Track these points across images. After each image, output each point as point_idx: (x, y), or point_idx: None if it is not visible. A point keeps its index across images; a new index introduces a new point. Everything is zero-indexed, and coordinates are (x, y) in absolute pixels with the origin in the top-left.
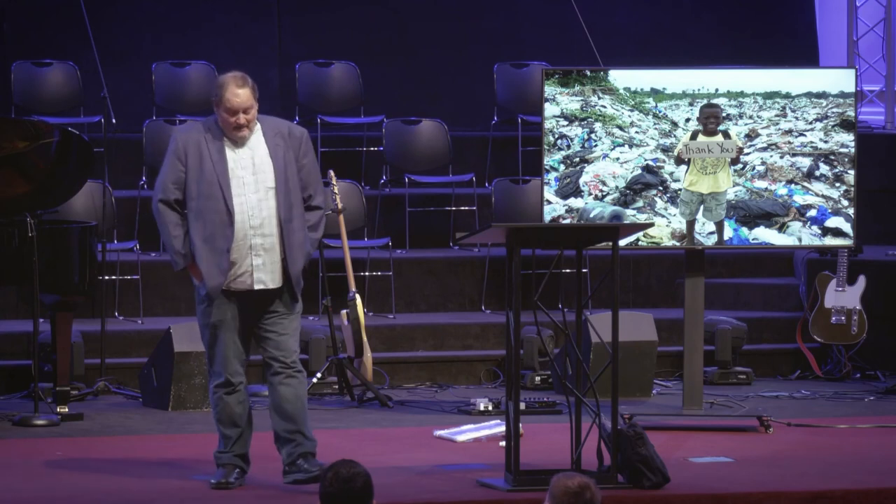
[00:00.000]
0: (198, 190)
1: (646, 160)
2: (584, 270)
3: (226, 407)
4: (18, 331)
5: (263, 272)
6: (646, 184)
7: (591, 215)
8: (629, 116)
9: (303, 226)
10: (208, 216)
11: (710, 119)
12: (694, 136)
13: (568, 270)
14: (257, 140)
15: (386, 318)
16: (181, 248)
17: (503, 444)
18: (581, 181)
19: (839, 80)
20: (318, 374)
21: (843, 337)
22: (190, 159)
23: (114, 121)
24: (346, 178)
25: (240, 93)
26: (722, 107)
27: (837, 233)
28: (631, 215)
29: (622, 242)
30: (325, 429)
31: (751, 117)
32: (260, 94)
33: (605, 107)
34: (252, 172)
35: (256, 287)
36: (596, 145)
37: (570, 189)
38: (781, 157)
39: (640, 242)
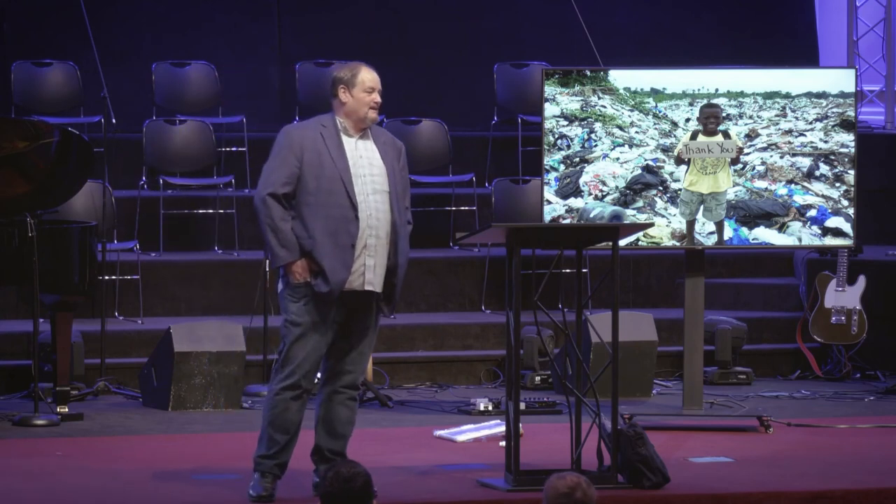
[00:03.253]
0: (317, 185)
1: (646, 160)
2: (584, 270)
3: (285, 412)
4: (18, 331)
5: (374, 274)
6: (646, 184)
7: (591, 215)
8: (629, 116)
9: (407, 234)
10: (331, 211)
11: (710, 119)
12: (694, 136)
13: (568, 270)
14: (370, 143)
15: (386, 318)
16: (287, 242)
17: (503, 444)
18: (581, 181)
19: (839, 80)
20: (319, 374)
21: (843, 337)
22: (307, 154)
23: (114, 121)
24: None
25: (374, 72)
26: (722, 107)
27: (837, 233)
28: (631, 215)
29: (622, 242)
30: None
31: (751, 117)
32: (260, 94)
33: (605, 107)
34: (371, 174)
35: (366, 288)
36: (596, 145)
37: (570, 189)
38: (781, 157)
39: (640, 242)
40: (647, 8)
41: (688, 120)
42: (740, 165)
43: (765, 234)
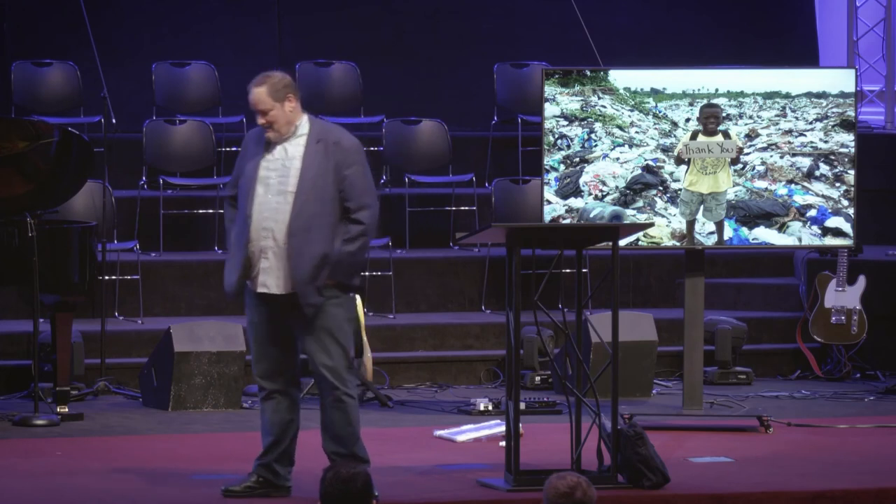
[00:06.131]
0: (239, 188)
1: (646, 160)
2: (584, 270)
3: (262, 413)
4: (18, 331)
5: (269, 276)
6: (646, 184)
7: (591, 215)
8: (629, 116)
9: (326, 236)
10: (239, 213)
11: (710, 119)
12: (694, 136)
13: (568, 270)
14: (297, 143)
15: (386, 318)
16: (228, 243)
17: (503, 444)
18: (581, 181)
19: (839, 80)
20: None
21: (843, 337)
22: (242, 159)
23: (114, 121)
24: None
25: (252, 91)
26: (722, 107)
27: (837, 233)
28: (631, 215)
29: (622, 242)
30: None
31: (751, 117)
32: None
33: (605, 107)
34: (278, 175)
35: (259, 290)
36: (596, 145)
37: (570, 189)
38: (781, 157)
39: (640, 242)
40: (648, 8)
41: (688, 120)
42: (740, 165)
43: (765, 234)
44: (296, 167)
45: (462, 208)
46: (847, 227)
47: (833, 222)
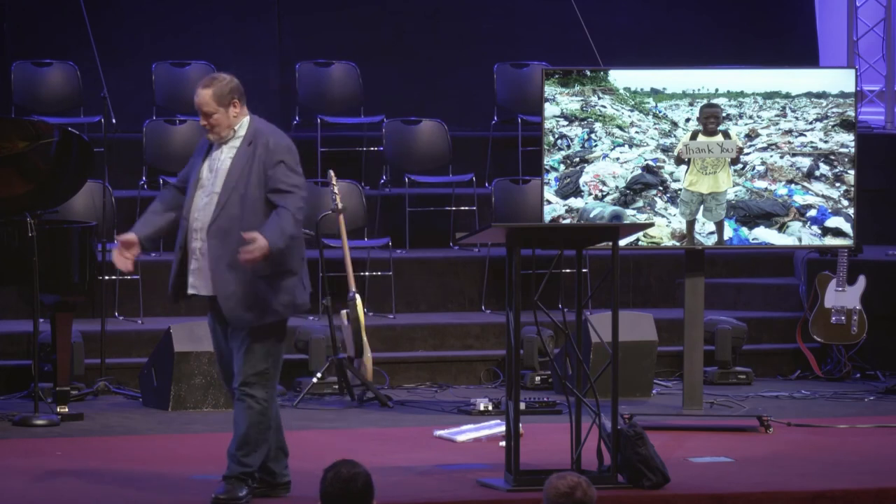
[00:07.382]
0: (186, 190)
1: (646, 160)
2: (584, 270)
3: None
4: (18, 331)
5: (197, 277)
6: (646, 184)
7: (591, 215)
8: (629, 116)
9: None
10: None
11: (710, 119)
12: (694, 136)
13: (568, 270)
14: (232, 146)
15: (386, 318)
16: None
17: (503, 444)
18: (581, 181)
19: (839, 80)
20: (318, 374)
21: (843, 337)
22: (194, 156)
23: (114, 121)
24: (346, 178)
25: (198, 93)
26: (722, 107)
27: (837, 233)
28: (631, 215)
29: (622, 242)
30: (325, 429)
31: (751, 117)
32: (260, 93)
33: (605, 107)
34: (212, 177)
35: (190, 291)
36: (596, 145)
37: (570, 189)
38: (781, 157)
39: (640, 242)
40: (648, 8)
41: (688, 120)
42: (740, 165)
43: (765, 234)
44: (224, 168)
45: (462, 208)
46: (847, 227)
47: (833, 222)
